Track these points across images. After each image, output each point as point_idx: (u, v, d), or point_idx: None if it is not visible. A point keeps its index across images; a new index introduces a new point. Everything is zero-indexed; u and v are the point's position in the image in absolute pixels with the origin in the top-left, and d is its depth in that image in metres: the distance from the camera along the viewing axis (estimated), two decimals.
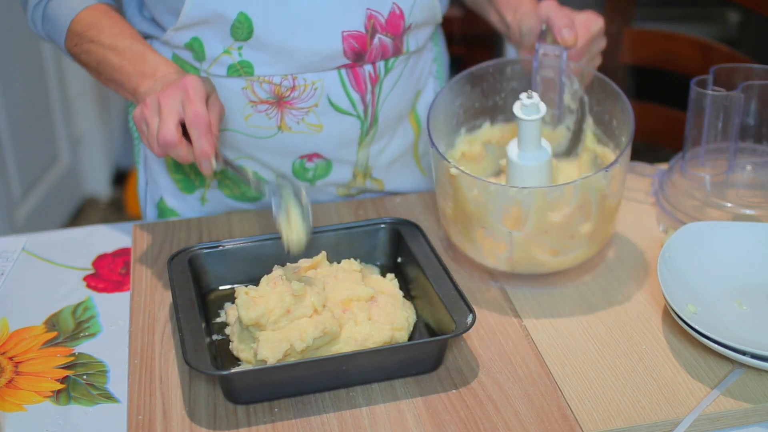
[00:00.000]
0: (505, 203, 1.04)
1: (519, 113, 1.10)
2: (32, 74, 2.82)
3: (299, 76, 1.22)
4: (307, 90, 1.23)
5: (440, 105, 1.18)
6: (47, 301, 1.15)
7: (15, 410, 0.97)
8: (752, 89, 1.25)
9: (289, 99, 1.23)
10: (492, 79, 1.23)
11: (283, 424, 0.94)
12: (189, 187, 1.35)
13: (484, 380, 0.99)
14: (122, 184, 3.24)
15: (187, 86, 1.07)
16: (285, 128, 1.26)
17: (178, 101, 1.06)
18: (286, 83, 1.22)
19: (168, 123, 1.05)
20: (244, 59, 1.21)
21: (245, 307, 1.00)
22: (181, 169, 1.34)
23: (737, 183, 1.26)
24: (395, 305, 1.05)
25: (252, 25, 1.18)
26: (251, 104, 1.24)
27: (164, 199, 1.37)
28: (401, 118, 1.35)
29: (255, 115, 1.25)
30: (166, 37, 1.22)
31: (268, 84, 1.22)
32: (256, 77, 1.22)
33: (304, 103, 1.24)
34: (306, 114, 1.25)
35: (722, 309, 1.07)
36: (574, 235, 1.07)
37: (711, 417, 0.95)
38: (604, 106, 1.19)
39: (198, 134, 1.06)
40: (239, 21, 1.17)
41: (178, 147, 1.06)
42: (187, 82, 1.07)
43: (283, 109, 1.24)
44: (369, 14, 1.20)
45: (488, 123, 1.27)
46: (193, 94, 1.06)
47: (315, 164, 1.31)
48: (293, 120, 1.25)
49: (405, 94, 1.33)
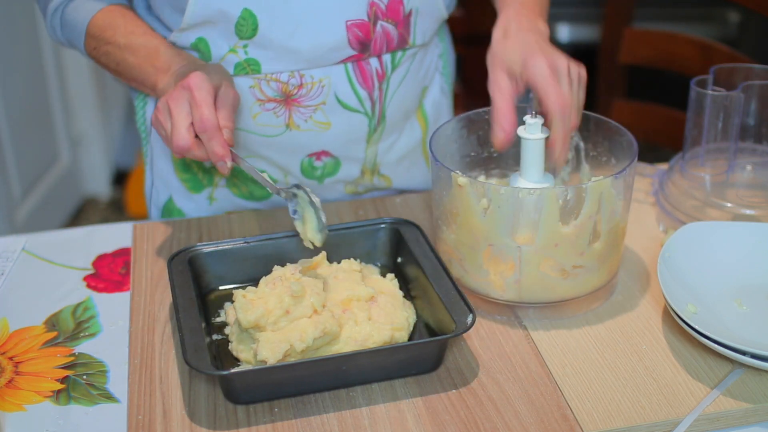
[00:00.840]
0: (515, 210, 1.03)
1: (523, 133, 1.09)
2: (32, 74, 2.82)
3: (306, 73, 1.22)
4: (314, 88, 1.23)
5: (441, 138, 1.16)
6: (47, 301, 1.15)
7: (15, 410, 0.97)
8: (752, 89, 1.25)
9: (297, 97, 1.24)
10: (487, 126, 1.22)
11: (283, 424, 0.94)
12: (197, 187, 1.35)
13: (484, 380, 0.99)
14: (122, 184, 3.24)
15: (192, 87, 1.07)
16: (293, 126, 1.26)
17: (185, 103, 1.06)
18: (293, 81, 1.22)
19: (179, 129, 1.06)
20: (250, 57, 1.21)
21: (243, 309, 1.00)
22: (188, 168, 1.35)
23: (737, 183, 1.26)
24: (395, 305, 1.05)
25: (256, 21, 1.18)
26: (259, 103, 1.24)
27: (173, 198, 1.37)
28: (408, 115, 1.35)
29: (263, 114, 1.25)
30: (172, 38, 1.22)
31: (275, 82, 1.22)
32: (264, 75, 1.22)
33: (311, 101, 1.24)
34: (314, 112, 1.25)
35: (722, 309, 1.07)
36: (583, 252, 1.06)
37: (711, 417, 0.95)
38: (602, 148, 1.18)
39: (207, 138, 1.06)
40: (243, 18, 1.17)
41: (193, 150, 1.07)
42: (191, 82, 1.07)
43: (290, 107, 1.25)
44: (370, 2, 1.21)
45: (483, 176, 1.24)
46: (198, 95, 1.06)
47: (323, 162, 1.31)
48: (301, 118, 1.25)
49: (412, 90, 1.33)
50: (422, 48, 1.32)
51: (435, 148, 1.10)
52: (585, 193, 1.02)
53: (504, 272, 1.07)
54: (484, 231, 1.05)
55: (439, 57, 1.39)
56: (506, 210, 1.03)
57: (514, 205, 1.02)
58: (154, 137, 1.35)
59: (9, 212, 2.67)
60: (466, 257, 1.09)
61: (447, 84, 1.43)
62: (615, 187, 1.04)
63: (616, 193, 1.05)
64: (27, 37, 2.71)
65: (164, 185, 1.38)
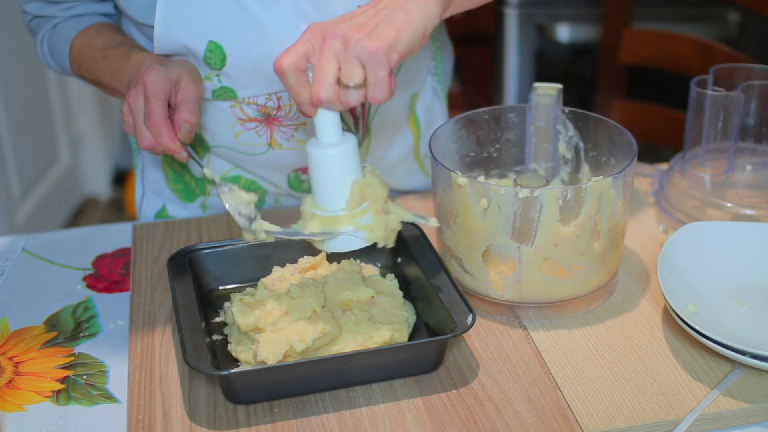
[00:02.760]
0: (515, 209, 1.02)
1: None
2: (32, 74, 2.82)
3: (283, 95, 1.21)
4: (293, 109, 1.22)
5: (440, 138, 1.16)
6: (47, 301, 1.15)
7: (15, 410, 0.97)
8: (752, 89, 1.25)
9: (277, 117, 1.23)
10: (487, 127, 1.21)
11: (283, 424, 0.94)
12: (189, 196, 1.35)
13: (484, 380, 0.99)
14: (122, 184, 3.24)
15: (145, 82, 1.07)
16: (275, 145, 1.25)
17: (141, 99, 1.07)
18: (270, 103, 1.21)
19: (140, 127, 1.08)
20: (224, 85, 1.20)
21: (241, 314, 1.00)
22: (180, 178, 1.34)
23: (737, 183, 1.26)
24: (395, 305, 1.05)
25: (224, 52, 1.16)
26: (240, 122, 1.23)
27: (166, 207, 1.37)
28: (397, 125, 1.34)
29: (245, 133, 1.24)
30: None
31: (254, 105, 1.22)
32: (241, 99, 1.21)
33: (291, 121, 1.23)
34: (295, 131, 1.24)
35: (722, 309, 1.07)
36: (584, 252, 1.06)
37: (711, 417, 0.95)
38: (602, 148, 1.18)
39: (156, 135, 1.07)
40: (210, 50, 1.16)
41: (156, 147, 1.08)
42: (145, 77, 1.08)
43: (272, 127, 1.24)
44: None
45: (482, 177, 1.24)
46: (149, 90, 1.07)
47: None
48: (283, 137, 1.25)
49: (398, 102, 1.31)
50: (407, 59, 1.30)
51: (434, 148, 1.10)
52: (585, 193, 1.02)
53: (504, 272, 1.07)
54: (483, 231, 1.05)
55: (430, 59, 1.38)
56: (506, 210, 1.02)
57: (514, 205, 1.02)
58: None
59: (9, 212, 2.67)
60: (466, 257, 1.09)
61: (440, 83, 1.41)
62: (615, 187, 1.04)
63: (615, 193, 1.05)
64: (27, 38, 2.70)
65: (157, 195, 1.38)
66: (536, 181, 1.09)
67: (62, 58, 1.27)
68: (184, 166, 1.33)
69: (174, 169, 1.34)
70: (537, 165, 1.23)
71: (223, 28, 1.15)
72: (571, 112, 1.19)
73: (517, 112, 1.22)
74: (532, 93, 1.18)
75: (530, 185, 1.08)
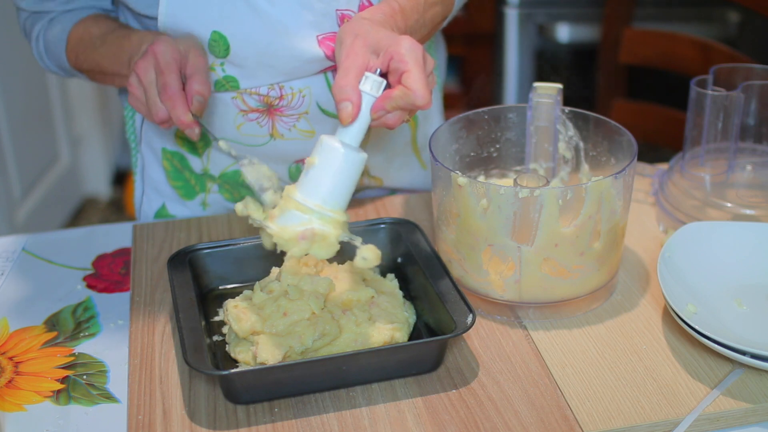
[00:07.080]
0: (515, 209, 1.02)
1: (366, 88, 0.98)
2: (32, 74, 2.82)
3: (286, 84, 1.21)
4: (295, 98, 1.22)
5: (440, 138, 1.16)
6: (47, 301, 1.15)
7: (15, 410, 0.97)
8: (752, 89, 1.25)
9: (279, 107, 1.23)
10: (487, 127, 1.21)
11: (283, 424, 0.94)
12: (190, 194, 1.35)
13: (484, 380, 0.99)
14: (122, 184, 3.24)
15: (156, 52, 1.07)
16: (277, 135, 1.25)
17: (152, 71, 1.07)
18: (273, 93, 1.21)
19: (154, 100, 1.07)
20: (228, 74, 1.20)
21: (237, 320, 1.00)
22: (180, 175, 1.34)
23: (737, 183, 1.26)
24: (395, 305, 1.05)
25: (227, 41, 1.16)
26: (242, 113, 1.23)
27: (166, 206, 1.37)
28: None
29: (246, 124, 1.24)
30: None
31: (256, 95, 1.22)
32: (243, 90, 1.21)
33: (293, 111, 1.23)
34: (297, 121, 1.24)
35: (722, 309, 1.07)
36: (584, 252, 1.06)
37: (711, 417, 0.95)
38: (602, 148, 1.18)
39: (170, 107, 1.06)
40: (214, 39, 1.16)
41: (171, 120, 1.07)
42: (155, 48, 1.07)
43: (273, 117, 1.24)
44: (340, 15, 1.19)
45: (482, 176, 1.24)
46: (162, 60, 1.06)
47: None
48: (284, 127, 1.25)
49: None
50: None
51: (434, 148, 1.10)
52: (585, 193, 1.02)
53: (504, 272, 1.07)
54: (483, 231, 1.05)
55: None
56: (506, 210, 1.02)
57: (514, 205, 1.02)
58: (144, 146, 1.35)
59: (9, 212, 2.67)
60: (466, 257, 1.09)
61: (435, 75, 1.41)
62: (615, 187, 1.04)
63: (615, 193, 1.05)
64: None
65: (156, 193, 1.37)
66: (536, 181, 1.09)
67: (59, 52, 1.27)
68: (183, 162, 1.33)
69: (174, 166, 1.34)
70: (537, 165, 1.23)
71: (226, 18, 1.15)
72: (571, 112, 1.19)
73: (517, 112, 1.22)
74: (532, 93, 1.18)
75: (530, 185, 1.08)
